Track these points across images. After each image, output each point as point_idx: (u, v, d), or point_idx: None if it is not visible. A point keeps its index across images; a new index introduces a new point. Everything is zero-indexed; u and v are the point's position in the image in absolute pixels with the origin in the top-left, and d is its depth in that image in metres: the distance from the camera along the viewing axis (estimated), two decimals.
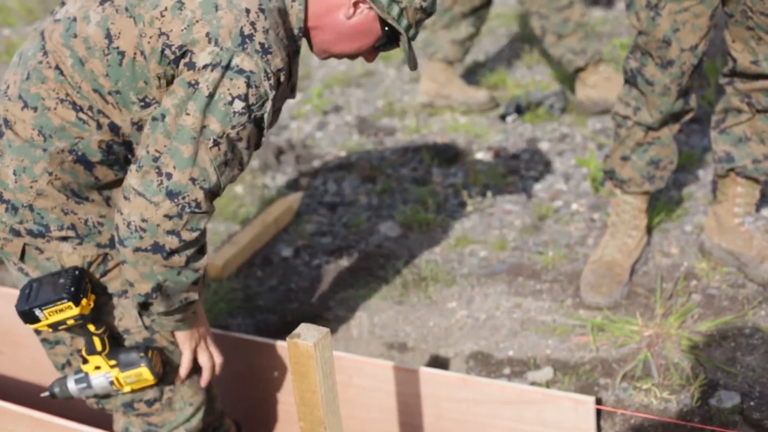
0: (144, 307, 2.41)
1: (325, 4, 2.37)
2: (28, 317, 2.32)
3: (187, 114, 2.17)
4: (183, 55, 2.18)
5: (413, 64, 2.49)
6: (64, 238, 2.38)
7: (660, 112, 3.17)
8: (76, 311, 2.30)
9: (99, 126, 2.30)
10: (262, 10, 2.21)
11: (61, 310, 2.30)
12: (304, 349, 2.09)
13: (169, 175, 2.19)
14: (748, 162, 3.26)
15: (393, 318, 3.51)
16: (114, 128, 2.32)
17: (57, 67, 2.28)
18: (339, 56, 2.48)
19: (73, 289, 2.29)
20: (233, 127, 2.19)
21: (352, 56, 2.49)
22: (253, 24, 2.19)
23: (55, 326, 2.34)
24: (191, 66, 2.17)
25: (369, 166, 4.57)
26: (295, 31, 2.36)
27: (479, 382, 2.89)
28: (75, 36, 2.27)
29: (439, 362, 3.30)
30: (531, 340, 3.27)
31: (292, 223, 4.19)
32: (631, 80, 3.22)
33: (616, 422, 2.92)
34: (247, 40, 2.17)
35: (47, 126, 2.29)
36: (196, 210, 2.23)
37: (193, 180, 2.20)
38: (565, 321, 3.31)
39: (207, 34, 2.16)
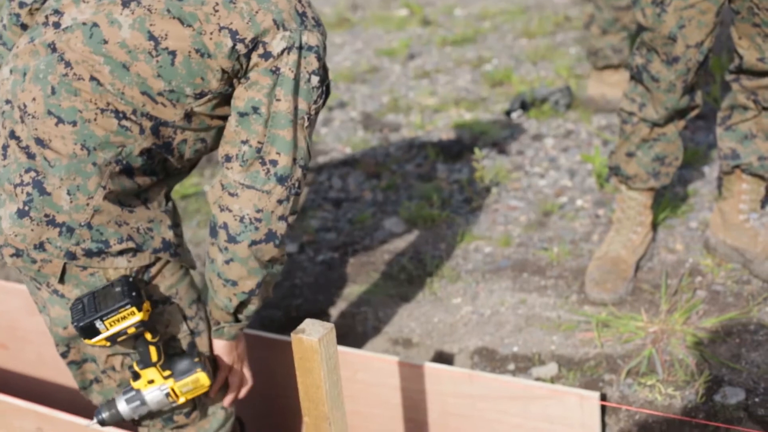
0: (241, 307, 2.47)
1: None
2: (88, 331, 2.23)
3: (278, 100, 2.26)
4: (255, 47, 2.24)
5: None
6: (122, 252, 2.32)
7: (665, 108, 3.17)
8: (139, 317, 2.23)
9: (142, 130, 2.28)
10: None
11: (124, 318, 2.23)
12: (309, 345, 2.09)
13: (274, 162, 2.28)
14: (753, 159, 3.26)
15: (398, 314, 3.51)
16: (156, 131, 2.30)
17: (92, 78, 2.23)
18: None
19: (134, 293, 2.24)
20: (315, 102, 2.31)
21: None
22: (300, 1, 2.30)
23: (113, 338, 2.26)
24: (267, 56, 2.24)
25: (374, 162, 4.57)
26: None
27: (485, 378, 2.89)
28: (105, 42, 2.23)
29: (443, 358, 3.31)
30: (536, 336, 3.27)
31: (296, 218, 4.19)
32: (636, 76, 3.21)
33: (620, 418, 2.92)
34: (304, 17, 2.28)
35: (90, 138, 2.24)
36: (298, 191, 2.34)
37: (294, 161, 2.30)
38: (569, 317, 3.31)
39: (274, 21, 2.23)
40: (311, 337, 2.08)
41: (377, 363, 2.98)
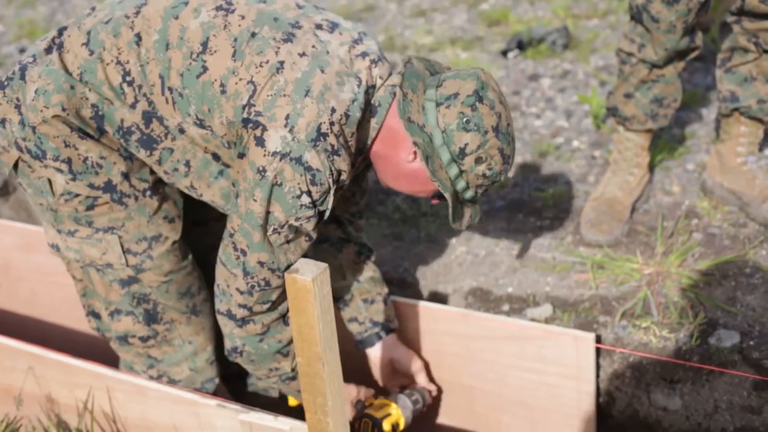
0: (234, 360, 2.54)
1: (392, 137, 2.34)
2: None
3: (254, 200, 2.20)
4: (256, 125, 2.19)
5: (457, 224, 2.40)
6: (59, 170, 2.35)
7: (665, 49, 3.14)
8: None
9: (134, 105, 2.30)
10: (347, 116, 2.23)
11: None
12: (302, 284, 2.07)
13: (244, 252, 2.28)
14: (753, 102, 3.23)
15: (391, 253, 3.50)
16: (148, 118, 2.31)
17: (138, 34, 2.29)
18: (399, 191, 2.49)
19: None
20: (297, 219, 2.23)
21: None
22: (332, 124, 2.20)
23: None
24: (260, 143, 2.18)
25: None
26: (368, 143, 2.37)
27: (480, 318, 2.89)
28: (176, 18, 2.28)
29: (437, 298, 3.30)
30: (530, 277, 3.26)
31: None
32: (636, 17, 3.17)
33: (614, 360, 2.92)
34: (321, 138, 2.18)
35: (90, 73, 2.29)
36: (266, 288, 2.32)
37: (261, 263, 2.27)
38: (564, 258, 3.30)
39: (286, 117, 2.17)
40: (304, 276, 2.07)
41: None
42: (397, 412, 2.75)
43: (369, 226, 3.62)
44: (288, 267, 2.28)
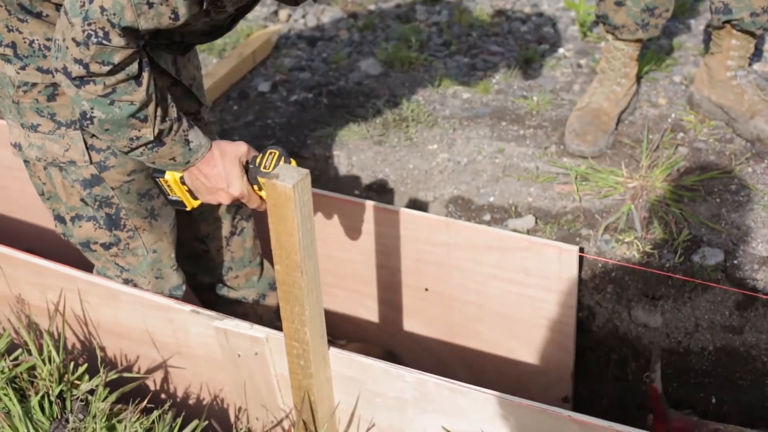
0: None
1: None
2: None
3: None
4: None
5: None
6: (5, 57, 2.26)
7: None
8: None
9: None
10: None
11: None
12: (282, 191, 2.01)
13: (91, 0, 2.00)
14: (746, 15, 3.15)
15: (372, 158, 3.43)
16: None
17: None
18: None
19: None
20: None
21: None
22: None
23: None
24: None
25: (350, 0, 4.42)
26: None
27: (462, 226, 2.84)
28: None
29: (418, 205, 3.25)
30: (513, 187, 3.21)
31: (270, 56, 4.07)
32: None
33: (596, 274, 2.89)
34: None
35: None
36: (104, 42, 2.00)
37: (102, 9, 1.98)
38: (548, 169, 3.25)
39: None
40: (285, 183, 2.00)
41: (352, 207, 2.91)
42: (276, 151, 2.37)
43: (348, 130, 3.55)
44: (133, 32, 2.04)
